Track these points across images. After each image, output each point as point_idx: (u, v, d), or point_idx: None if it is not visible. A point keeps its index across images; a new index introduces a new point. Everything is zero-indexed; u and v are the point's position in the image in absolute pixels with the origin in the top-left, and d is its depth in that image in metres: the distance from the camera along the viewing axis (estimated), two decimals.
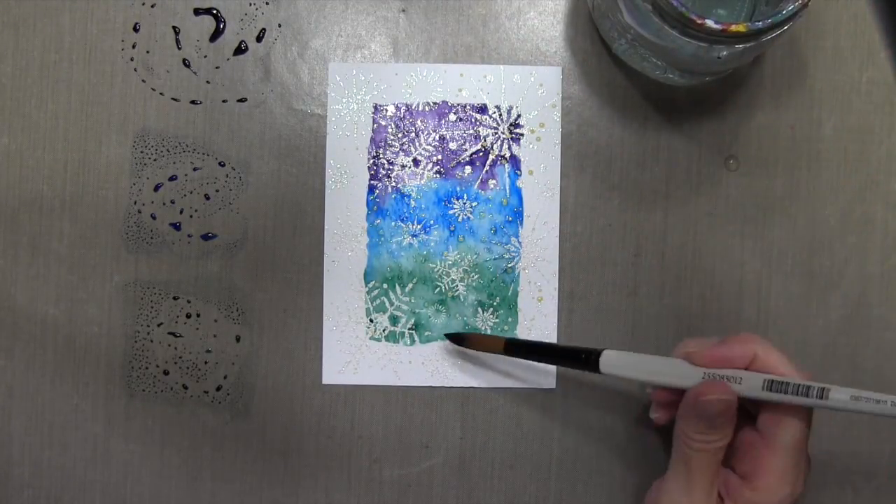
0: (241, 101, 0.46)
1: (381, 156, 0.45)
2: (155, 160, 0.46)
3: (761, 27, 0.37)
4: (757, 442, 0.38)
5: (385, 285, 0.45)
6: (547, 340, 0.45)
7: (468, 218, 0.45)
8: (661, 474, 0.40)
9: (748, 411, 0.39)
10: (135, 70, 0.46)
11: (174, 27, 0.46)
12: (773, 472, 0.37)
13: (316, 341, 0.45)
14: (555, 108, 0.45)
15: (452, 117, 0.45)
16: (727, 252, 0.46)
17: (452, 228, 0.45)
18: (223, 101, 0.46)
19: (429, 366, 0.45)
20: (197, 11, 0.46)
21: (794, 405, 0.36)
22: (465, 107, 0.45)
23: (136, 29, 0.46)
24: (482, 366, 0.45)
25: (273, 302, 0.45)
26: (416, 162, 0.45)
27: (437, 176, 0.45)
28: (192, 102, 0.46)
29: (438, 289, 0.45)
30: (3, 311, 0.45)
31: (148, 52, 0.46)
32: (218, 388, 0.45)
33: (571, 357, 0.41)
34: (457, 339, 0.45)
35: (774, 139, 0.46)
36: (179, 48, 0.46)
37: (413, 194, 0.45)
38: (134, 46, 0.46)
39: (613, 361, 0.39)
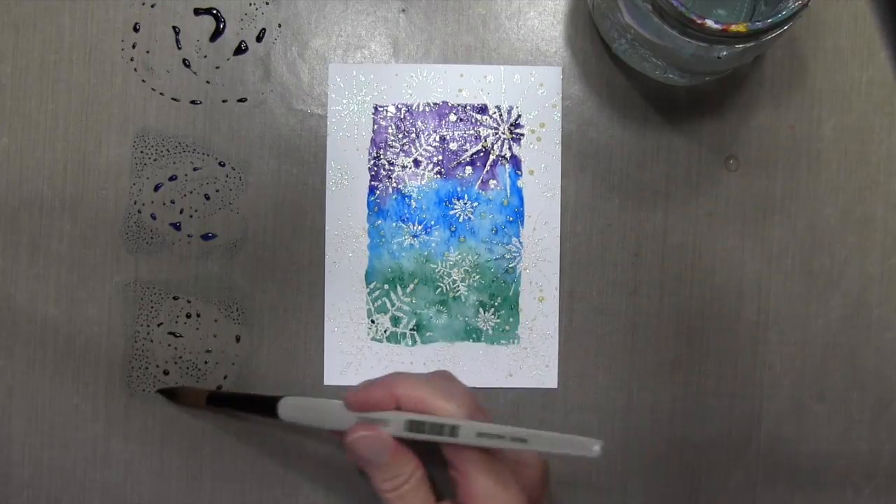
0: (241, 101, 0.46)
1: (381, 157, 0.45)
2: (155, 160, 0.46)
3: (761, 27, 0.37)
4: (456, 478, 0.37)
5: (386, 286, 0.45)
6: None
7: (469, 218, 0.45)
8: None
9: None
10: (135, 70, 0.46)
11: (174, 27, 0.46)
12: (481, 498, 0.36)
13: (316, 342, 0.45)
14: (555, 108, 0.45)
15: (453, 118, 0.45)
16: (727, 252, 0.46)
17: (453, 229, 0.45)
18: (223, 101, 0.46)
19: (430, 366, 0.45)
20: (197, 11, 0.46)
21: (467, 448, 0.36)
22: (465, 107, 0.45)
23: (136, 29, 0.46)
24: (482, 366, 0.45)
25: (273, 302, 0.45)
26: (416, 163, 0.45)
27: (438, 176, 0.45)
28: (192, 102, 0.46)
29: (440, 289, 0.45)
30: (3, 311, 0.45)
31: (148, 52, 0.46)
32: (218, 388, 0.45)
33: (256, 407, 0.42)
34: (168, 393, 0.45)
35: (774, 139, 0.46)
36: (179, 48, 0.46)
37: (414, 195, 0.45)
38: (134, 46, 0.46)
39: (289, 410, 0.40)
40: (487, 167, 0.45)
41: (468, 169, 0.45)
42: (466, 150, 0.45)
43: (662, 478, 0.45)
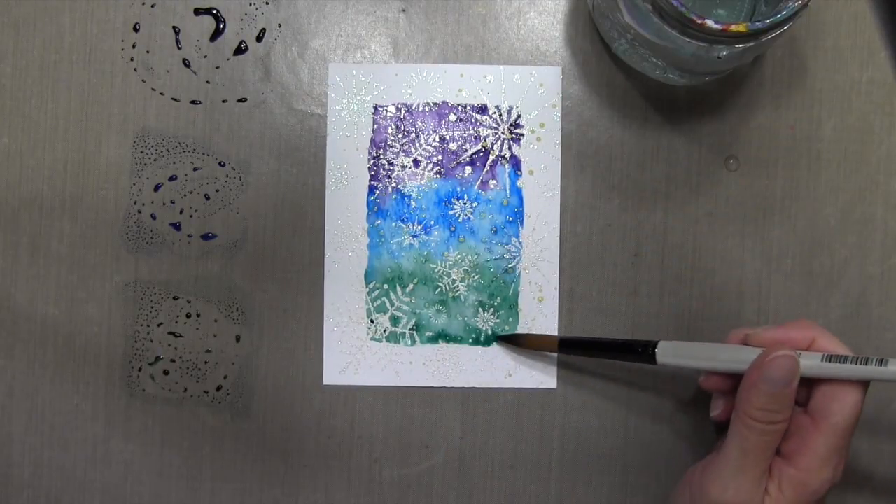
0: (241, 101, 0.46)
1: (381, 156, 0.45)
2: (155, 160, 0.46)
3: (761, 27, 0.37)
4: (806, 423, 0.38)
5: (386, 286, 0.45)
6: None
7: (469, 218, 0.45)
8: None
9: (798, 402, 0.39)
10: (135, 70, 0.46)
11: (174, 27, 0.46)
12: (819, 452, 0.37)
13: (316, 342, 0.45)
14: (555, 108, 0.45)
15: (452, 118, 0.45)
16: (727, 252, 0.46)
17: (453, 229, 0.45)
18: (223, 101, 0.46)
19: (429, 366, 0.45)
20: (197, 11, 0.46)
21: (850, 383, 0.37)
22: (465, 107, 0.45)
23: (136, 29, 0.46)
24: (482, 366, 0.45)
25: (273, 302, 0.45)
26: (416, 162, 0.45)
27: (438, 176, 0.45)
28: (192, 102, 0.46)
29: (439, 289, 0.45)
30: (3, 311, 0.45)
31: (148, 52, 0.46)
32: (218, 388, 0.45)
33: (626, 350, 0.42)
34: (510, 339, 0.45)
35: (774, 139, 0.46)
36: (179, 48, 0.46)
37: (413, 195, 0.45)
38: (134, 46, 0.46)
39: (669, 352, 0.40)
40: (487, 167, 0.45)
41: (468, 169, 0.45)
42: (466, 150, 0.45)
43: (663, 478, 0.45)
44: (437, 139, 0.45)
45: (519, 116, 0.45)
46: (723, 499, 0.37)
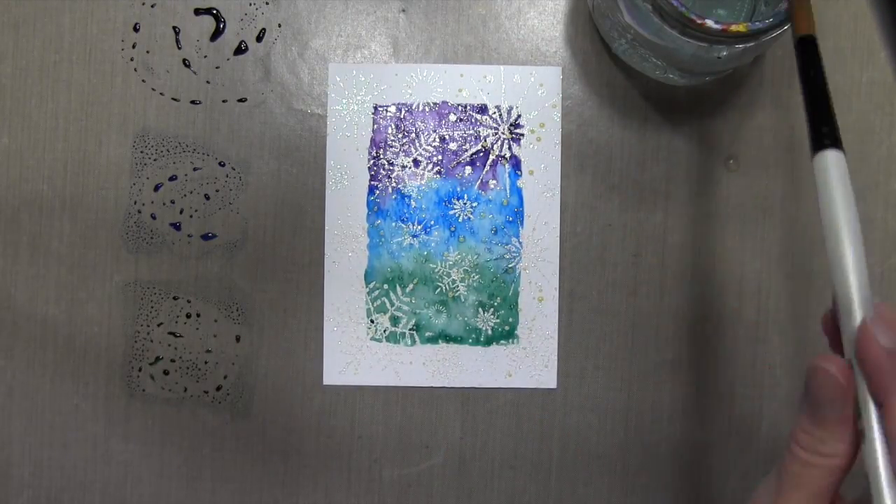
0: (241, 101, 0.46)
1: (381, 156, 0.45)
2: (155, 160, 0.46)
3: (761, 27, 0.37)
4: None
5: (386, 286, 0.45)
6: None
7: (469, 218, 0.45)
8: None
9: None
10: (135, 70, 0.46)
11: (174, 27, 0.46)
12: None
13: (316, 341, 0.45)
14: (555, 108, 0.45)
15: (452, 118, 0.45)
16: (727, 252, 0.46)
17: (453, 229, 0.45)
18: (223, 101, 0.46)
19: (429, 366, 0.45)
20: (197, 11, 0.46)
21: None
22: (465, 107, 0.45)
23: (136, 29, 0.46)
24: (482, 366, 0.45)
25: (273, 302, 0.45)
26: (416, 162, 0.45)
27: (438, 176, 0.45)
28: (192, 102, 0.46)
29: (439, 289, 0.45)
30: (3, 311, 0.45)
31: (148, 52, 0.46)
32: (218, 388, 0.45)
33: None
34: None
35: (774, 139, 0.46)
36: (179, 48, 0.46)
37: (413, 195, 0.45)
38: (134, 46, 0.46)
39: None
40: (487, 167, 0.45)
41: (468, 169, 0.45)
42: (466, 150, 0.45)
43: (662, 478, 0.45)
44: (437, 139, 0.45)
45: (519, 116, 0.45)
46: None
